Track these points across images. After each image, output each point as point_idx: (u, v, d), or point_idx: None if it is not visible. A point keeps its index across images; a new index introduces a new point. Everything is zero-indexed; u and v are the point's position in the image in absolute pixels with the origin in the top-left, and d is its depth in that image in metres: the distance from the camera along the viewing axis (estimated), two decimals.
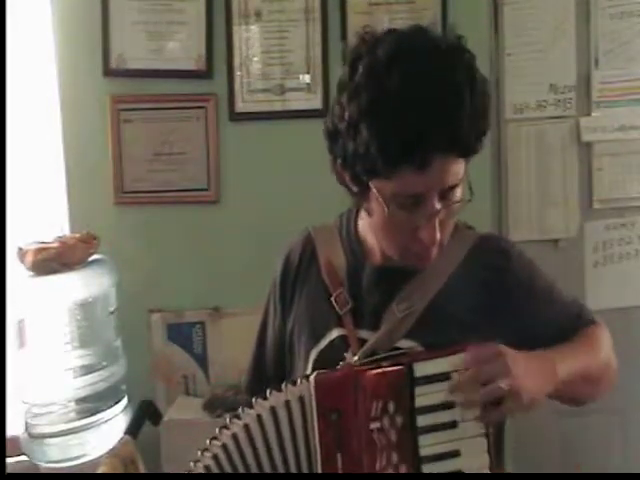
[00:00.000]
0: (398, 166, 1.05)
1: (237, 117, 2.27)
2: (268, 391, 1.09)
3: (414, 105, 1.02)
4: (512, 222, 2.43)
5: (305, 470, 1.06)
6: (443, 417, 1.03)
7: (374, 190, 1.10)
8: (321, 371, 1.10)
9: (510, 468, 1.19)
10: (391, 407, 1.03)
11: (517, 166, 2.43)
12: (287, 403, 1.06)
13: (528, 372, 1.04)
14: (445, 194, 1.10)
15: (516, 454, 2.02)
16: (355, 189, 1.17)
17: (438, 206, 1.09)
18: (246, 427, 1.08)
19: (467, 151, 1.08)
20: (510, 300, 1.19)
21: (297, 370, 1.26)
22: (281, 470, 1.07)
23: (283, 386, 1.08)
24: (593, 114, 2.42)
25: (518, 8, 2.38)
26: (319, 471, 1.04)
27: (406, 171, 1.05)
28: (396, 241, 1.15)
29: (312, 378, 1.06)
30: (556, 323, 1.21)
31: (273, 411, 1.07)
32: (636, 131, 2.43)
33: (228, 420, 1.10)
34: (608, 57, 2.41)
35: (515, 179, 2.43)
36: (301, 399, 1.06)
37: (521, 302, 1.20)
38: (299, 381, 1.08)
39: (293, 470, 1.06)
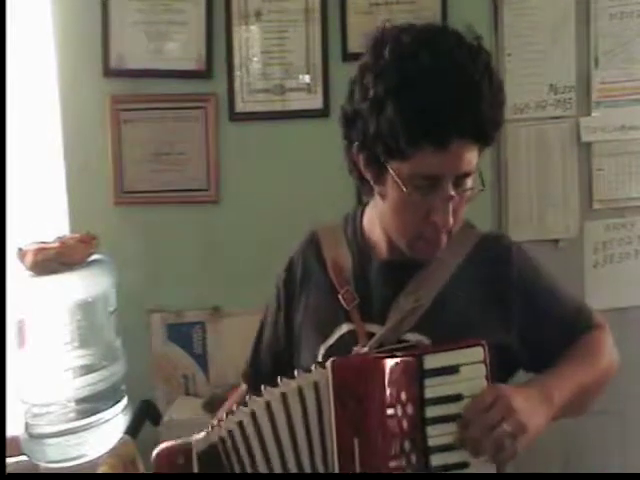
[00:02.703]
0: (419, 144, 1.08)
1: (237, 117, 2.27)
2: (279, 379, 1.08)
3: (440, 87, 1.07)
4: (512, 222, 2.43)
5: (319, 457, 1.05)
6: (451, 409, 1.05)
7: (391, 172, 1.13)
8: (337, 358, 1.09)
9: (510, 468, 1.19)
10: (403, 396, 1.04)
11: (517, 166, 2.43)
12: (300, 389, 1.06)
13: (529, 407, 1.06)
14: (459, 181, 1.13)
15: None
16: (369, 174, 1.19)
17: (452, 192, 1.11)
18: (253, 414, 1.08)
19: (484, 138, 1.13)
20: (513, 296, 1.21)
21: (304, 366, 1.26)
22: (292, 457, 1.06)
23: (295, 373, 1.08)
24: (593, 114, 2.42)
25: (518, 8, 2.38)
26: (334, 457, 1.03)
27: (426, 150, 1.08)
28: (408, 225, 1.17)
29: (329, 363, 1.05)
30: (558, 321, 1.23)
31: (284, 398, 1.07)
32: (636, 131, 2.43)
33: (235, 407, 1.11)
34: (608, 57, 2.41)
35: (515, 179, 2.43)
36: (315, 385, 1.05)
37: (524, 298, 1.21)
38: (313, 368, 1.08)
39: (305, 457, 1.06)
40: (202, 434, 1.13)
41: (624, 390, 2.20)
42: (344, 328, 1.24)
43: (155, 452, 1.14)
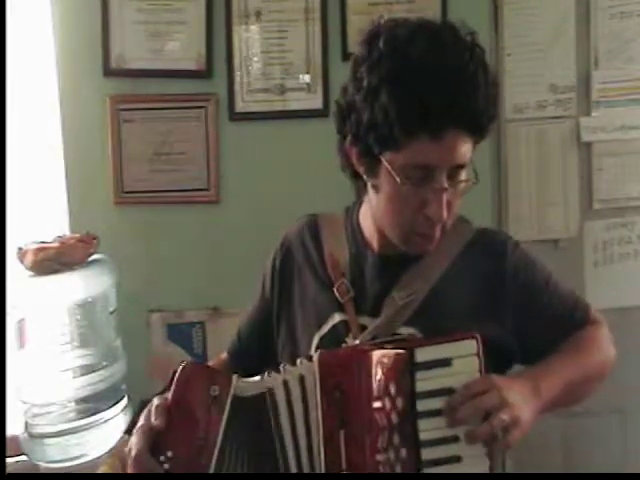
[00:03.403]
0: (414, 133, 1.08)
1: (237, 117, 2.27)
2: (266, 373, 1.08)
3: (435, 76, 1.07)
4: (512, 222, 2.43)
5: (303, 449, 1.04)
6: (443, 403, 1.04)
7: (385, 163, 1.12)
8: (324, 351, 1.10)
9: (510, 468, 1.19)
10: (392, 389, 1.04)
11: (517, 166, 2.43)
12: (285, 383, 1.06)
13: (521, 400, 1.06)
14: (453, 174, 1.13)
15: (516, 454, 2.02)
16: (363, 168, 1.18)
17: (446, 184, 1.11)
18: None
19: (478, 129, 1.13)
20: (508, 290, 1.21)
21: (297, 355, 1.26)
22: (278, 450, 1.05)
23: (281, 367, 1.08)
24: (593, 114, 2.42)
25: (518, 8, 2.38)
26: (320, 449, 1.02)
27: (420, 140, 1.08)
28: (402, 218, 1.16)
29: (315, 356, 1.05)
30: (553, 315, 1.24)
31: (270, 392, 1.06)
32: (636, 131, 2.43)
33: None
34: (608, 57, 2.41)
35: (515, 179, 2.43)
36: (301, 378, 1.05)
37: (519, 292, 1.21)
38: (299, 362, 1.07)
39: (290, 450, 1.05)
40: (255, 378, 1.09)
41: (624, 389, 2.20)
42: (336, 318, 1.24)
43: (188, 365, 1.06)
